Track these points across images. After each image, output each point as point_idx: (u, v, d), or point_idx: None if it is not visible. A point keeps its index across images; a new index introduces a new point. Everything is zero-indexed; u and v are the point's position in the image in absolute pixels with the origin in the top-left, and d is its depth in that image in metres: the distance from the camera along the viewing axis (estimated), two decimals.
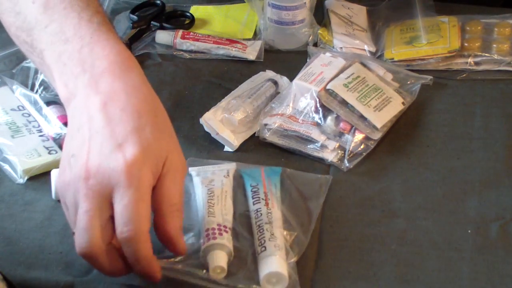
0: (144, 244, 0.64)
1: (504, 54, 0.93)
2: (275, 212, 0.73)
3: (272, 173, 0.78)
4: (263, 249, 0.69)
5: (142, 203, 0.63)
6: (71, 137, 0.67)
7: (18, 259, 0.72)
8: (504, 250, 0.72)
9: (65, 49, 0.70)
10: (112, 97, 0.67)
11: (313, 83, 0.85)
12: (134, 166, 0.63)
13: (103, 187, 0.63)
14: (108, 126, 0.65)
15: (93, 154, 0.64)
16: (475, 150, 0.83)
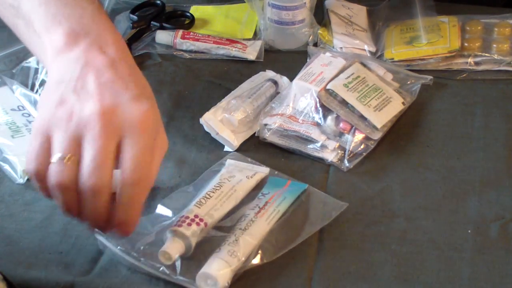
0: (144, 191, 0.65)
1: (504, 54, 0.93)
2: (259, 223, 0.72)
3: (294, 188, 0.77)
4: (218, 250, 0.69)
5: (151, 152, 0.64)
6: (67, 79, 0.66)
7: (18, 259, 0.72)
8: (504, 250, 0.72)
9: (63, 11, 0.70)
10: (119, 60, 0.68)
11: (313, 83, 0.85)
12: (149, 118, 0.65)
13: (116, 128, 0.63)
14: (120, 80, 0.66)
15: (108, 96, 0.64)
16: (475, 150, 0.83)
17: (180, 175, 0.80)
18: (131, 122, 0.64)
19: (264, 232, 0.72)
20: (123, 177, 0.63)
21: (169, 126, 0.87)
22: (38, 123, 0.65)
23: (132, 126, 0.64)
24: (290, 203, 0.75)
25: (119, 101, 0.64)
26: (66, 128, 0.64)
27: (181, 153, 0.83)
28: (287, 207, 0.75)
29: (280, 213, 0.74)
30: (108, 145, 0.63)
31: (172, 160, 0.82)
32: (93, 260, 0.71)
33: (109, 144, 0.63)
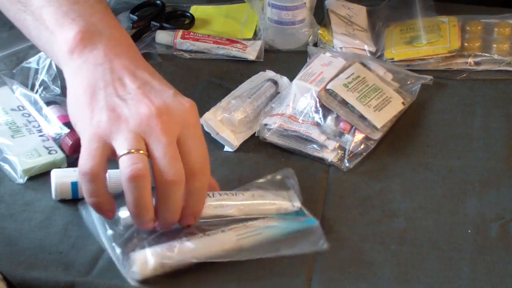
0: (209, 179, 0.68)
1: (504, 54, 0.93)
2: (226, 236, 0.71)
3: (301, 224, 0.74)
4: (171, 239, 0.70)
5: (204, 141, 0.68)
6: (101, 84, 0.68)
7: (18, 259, 0.72)
8: (504, 250, 0.72)
9: (74, 9, 0.71)
10: (137, 61, 0.71)
11: (313, 83, 0.85)
12: (195, 109, 0.69)
13: (175, 124, 0.66)
14: (153, 80, 0.69)
15: (155, 97, 0.67)
16: (475, 150, 0.83)
17: None
18: (185, 116, 0.67)
19: (227, 247, 0.70)
20: (196, 167, 0.66)
21: None
22: (90, 130, 0.66)
23: (187, 119, 0.67)
24: (283, 232, 0.73)
25: (166, 100, 0.68)
26: (126, 129, 0.66)
27: None
28: (276, 234, 0.72)
29: (262, 236, 0.71)
30: (173, 141, 0.66)
31: None
32: (93, 260, 0.71)
33: (173, 140, 0.66)
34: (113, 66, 0.69)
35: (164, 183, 0.65)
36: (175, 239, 0.70)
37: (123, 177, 0.64)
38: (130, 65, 0.70)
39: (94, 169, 0.65)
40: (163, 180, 0.65)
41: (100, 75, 0.69)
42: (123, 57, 0.70)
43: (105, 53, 0.70)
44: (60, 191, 0.76)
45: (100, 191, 0.66)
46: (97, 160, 0.65)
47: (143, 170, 0.64)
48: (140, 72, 0.70)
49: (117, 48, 0.71)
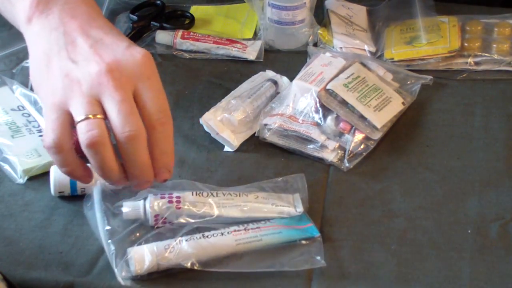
0: (172, 129, 0.68)
1: (504, 54, 0.93)
2: (225, 239, 0.71)
3: (304, 232, 0.73)
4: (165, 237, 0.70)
5: (163, 91, 0.68)
6: (55, 50, 0.68)
7: (18, 259, 0.72)
8: (504, 250, 0.72)
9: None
10: (94, 19, 0.70)
11: (313, 83, 0.85)
12: (151, 59, 0.68)
13: (128, 78, 0.66)
14: (105, 36, 0.69)
15: (106, 53, 0.67)
16: (475, 150, 0.83)
17: (180, 175, 0.80)
18: (138, 69, 0.67)
19: (225, 251, 0.70)
20: (154, 119, 0.66)
21: None
22: (48, 99, 0.67)
23: (140, 72, 0.67)
24: (283, 240, 0.72)
25: (117, 54, 0.67)
26: (80, 94, 0.65)
27: (181, 153, 0.83)
28: (276, 242, 0.72)
29: (262, 243, 0.71)
30: (128, 96, 0.65)
31: None
32: (93, 260, 0.71)
33: (128, 94, 0.65)
34: (66, 29, 0.69)
35: (123, 140, 0.65)
36: (174, 238, 0.70)
37: (82, 145, 0.65)
38: (85, 25, 0.69)
39: (57, 141, 0.65)
40: (122, 137, 0.65)
41: (54, 40, 0.69)
42: (78, 18, 0.70)
43: (60, 17, 0.70)
44: (58, 183, 0.76)
45: (69, 160, 0.67)
46: (58, 132, 0.65)
47: (99, 135, 0.64)
48: (94, 31, 0.69)
49: (73, 10, 0.71)
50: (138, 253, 0.69)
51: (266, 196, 0.75)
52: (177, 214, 0.72)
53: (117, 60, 0.66)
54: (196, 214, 0.72)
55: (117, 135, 0.65)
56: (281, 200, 0.75)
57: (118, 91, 0.65)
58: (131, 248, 0.69)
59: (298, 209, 0.75)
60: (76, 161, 0.68)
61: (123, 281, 0.68)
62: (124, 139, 0.65)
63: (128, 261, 0.69)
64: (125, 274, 0.68)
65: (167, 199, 0.72)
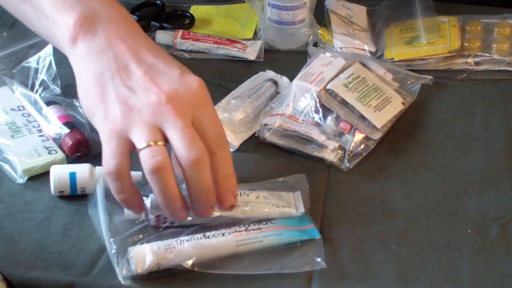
0: (229, 151, 0.70)
1: (504, 54, 0.93)
2: (226, 240, 0.71)
3: (305, 233, 0.73)
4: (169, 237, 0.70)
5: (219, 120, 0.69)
6: (108, 75, 0.68)
7: (18, 259, 0.72)
8: (504, 250, 0.72)
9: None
10: (141, 40, 0.71)
11: (313, 83, 0.85)
12: (204, 88, 0.69)
13: (186, 107, 0.67)
14: (158, 61, 0.69)
15: (163, 82, 0.68)
16: (475, 150, 0.83)
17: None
18: (195, 97, 0.68)
19: (226, 252, 0.70)
20: (213, 144, 0.67)
21: None
22: (106, 126, 0.67)
23: (197, 100, 0.68)
24: (284, 241, 0.72)
25: (173, 83, 0.68)
26: (141, 122, 0.66)
27: None
28: (277, 243, 0.72)
29: (263, 244, 0.71)
30: (188, 124, 0.66)
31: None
32: (93, 260, 0.71)
33: (188, 122, 0.67)
34: (116, 52, 0.69)
35: (188, 165, 0.66)
36: (175, 238, 0.70)
37: (145, 172, 0.65)
38: (133, 48, 0.70)
39: (118, 167, 0.66)
40: (187, 162, 0.65)
41: (105, 64, 0.69)
42: (124, 39, 0.70)
43: (106, 39, 0.70)
44: (58, 183, 0.76)
45: (127, 187, 0.67)
46: (119, 158, 0.66)
47: (163, 161, 0.65)
48: (144, 54, 0.70)
49: (118, 30, 0.71)
50: (139, 252, 0.69)
51: (267, 196, 0.75)
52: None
53: (175, 89, 0.67)
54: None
55: (182, 160, 0.65)
56: (282, 200, 0.75)
57: (180, 118, 0.66)
58: (132, 247, 0.69)
59: (299, 210, 0.75)
60: (133, 189, 0.68)
61: (123, 280, 0.68)
62: (191, 163, 0.65)
63: (129, 260, 0.69)
64: (125, 273, 0.68)
65: None
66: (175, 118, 0.66)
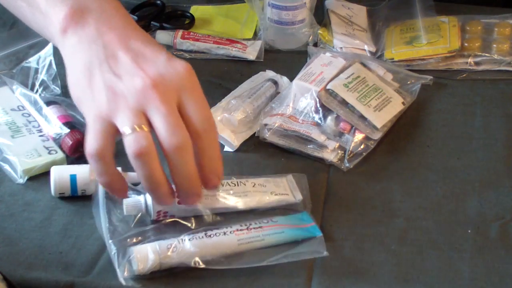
0: (217, 138, 0.70)
1: (504, 54, 0.93)
2: (228, 239, 0.71)
3: (306, 232, 0.73)
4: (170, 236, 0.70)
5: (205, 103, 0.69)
6: (96, 63, 0.69)
7: (18, 259, 0.72)
8: (504, 250, 0.72)
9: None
10: (131, 30, 0.71)
11: (313, 83, 0.85)
12: (192, 70, 0.69)
13: (171, 91, 0.67)
14: (145, 48, 0.70)
15: (148, 67, 0.68)
16: (475, 150, 0.83)
17: None
18: (181, 82, 0.68)
19: (227, 250, 0.70)
20: (201, 128, 0.67)
21: None
22: (92, 111, 0.68)
23: (183, 84, 0.68)
24: (286, 239, 0.72)
25: (159, 67, 0.68)
26: (126, 107, 0.66)
27: None
28: (279, 241, 0.72)
29: (264, 242, 0.71)
30: (173, 108, 0.67)
31: None
32: (93, 260, 0.71)
33: (173, 107, 0.67)
34: (105, 41, 0.70)
35: (171, 152, 0.66)
36: (176, 238, 0.70)
37: (129, 157, 0.66)
38: (123, 37, 0.70)
39: (100, 149, 0.66)
40: (169, 149, 0.66)
41: (94, 53, 0.69)
42: (115, 29, 0.71)
43: (96, 28, 0.70)
44: (58, 184, 0.76)
45: (109, 170, 0.68)
46: (102, 141, 0.66)
47: (146, 147, 0.65)
48: (133, 42, 0.70)
49: (109, 21, 0.71)
50: (140, 252, 0.69)
51: (263, 183, 0.76)
52: (178, 208, 0.72)
53: (160, 74, 0.67)
54: (197, 207, 0.73)
55: (165, 146, 0.66)
56: (278, 187, 0.76)
57: (164, 104, 0.66)
58: (134, 247, 0.69)
59: (297, 197, 0.75)
60: (116, 173, 0.69)
61: (125, 281, 0.68)
62: (173, 150, 0.66)
63: (131, 260, 0.69)
64: (127, 274, 0.68)
65: None
66: (160, 103, 0.66)
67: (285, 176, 0.78)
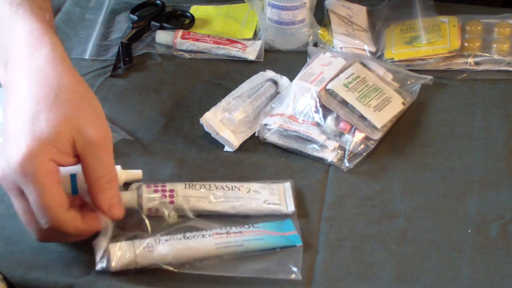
0: (69, 225, 0.66)
1: (504, 54, 0.93)
2: (206, 242, 0.70)
3: (286, 240, 0.72)
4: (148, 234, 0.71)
5: (46, 195, 0.65)
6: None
7: (18, 259, 0.72)
8: (504, 250, 0.72)
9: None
10: (18, 86, 0.68)
11: (313, 83, 0.85)
12: (26, 163, 0.64)
13: (14, 186, 0.66)
14: (11, 121, 0.67)
15: (0, 156, 0.66)
16: (475, 150, 0.83)
17: (180, 175, 0.80)
18: (14, 177, 0.65)
19: (204, 253, 0.70)
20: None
21: (169, 126, 0.87)
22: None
23: (16, 179, 0.65)
24: (264, 246, 0.71)
25: (4, 157, 0.66)
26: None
27: (181, 153, 0.83)
28: (257, 248, 0.71)
29: (243, 248, 0.71)
30: (18, 207, 0.67)
31: (172, 160, 0.82)
32: (93, 260, 0.71)
33: (18, 204, 0.67)
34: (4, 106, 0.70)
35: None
36: (154, 237, 0.70)
37: None
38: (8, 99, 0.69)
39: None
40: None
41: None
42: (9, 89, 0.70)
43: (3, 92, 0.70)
44: None
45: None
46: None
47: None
48: (8, 111, 0.68)
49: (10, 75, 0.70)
50: (116, 249, 0.69)
51: (258, 189, 0.76)
52: (170, 208, 0.73)
53: (2, 170, 0.66)
54: (189, 209, 0.74)
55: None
56: (273, 195, 0.76)
57: (13, 200, 0.68)
58: (111, 244, 0.69)
59: (289, 208, 0.75)
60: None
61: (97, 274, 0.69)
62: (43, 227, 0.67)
63: (107, 256, 0.69)
64: (101, 268, 0.69)
65: (160, 193, 0.74)
66: (11, 197, 0.67)
67: (283, 183, 0.78)
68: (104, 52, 0.99)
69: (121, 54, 0.97)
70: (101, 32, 1.02)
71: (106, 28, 1.03)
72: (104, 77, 0.94)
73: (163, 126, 0.87)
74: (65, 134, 0.65)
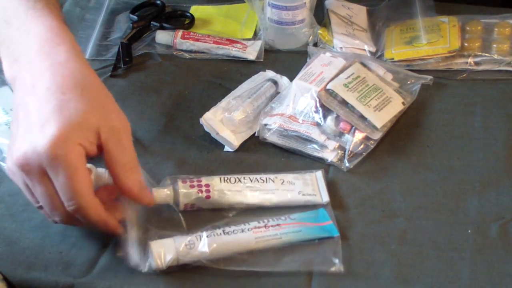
0: (92, 211, 0.67)
1: (504, 54, 0.93)
2: (246, 237, 0.71)
3: (324, 230, 0.73)
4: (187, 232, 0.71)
5: (76, 177, 0.66)
6: (13, 123, 0.70)
7: (18, 259, 0.72)
8: (504, 250, 0.72)
9: (6, 32, 0.73)
10: (39, 78, 0.69)
11: (313, 83, 0.85)
12: (57, 145, 0.65)
13: (39, 170, 0.66)
14: (34, 109, 0.68)
15: (20, 141, 0.67)
16: (475, 150, 0.83)
17: None
18: (42, 160, 0.66)
19: (244, 248, 0.70)
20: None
21: (169, 126, 0.87)
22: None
23: (44, 162, 0.66)
24: (303, 238, 0.72)
25: (29, 141, 0.66)
26: (14, 179, 0.71)
27: (181, 153, 0.83)
28: (296, 240, 0.72)
29: (282, 241, 0.71)
30: (44, 191, 0.67)
31: (172, 160, 0.82)
32: (93, 260, 0.71)
33: (42, 188, 0.67)
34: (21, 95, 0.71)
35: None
36: (195, 234, 0.70)
37: None
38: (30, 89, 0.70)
39: None
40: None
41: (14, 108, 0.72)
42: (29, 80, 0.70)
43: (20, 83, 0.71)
44: None
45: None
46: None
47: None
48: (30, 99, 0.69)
49: (30, 67, 0.71)
50: (159, 246, 0.69)
51: (292, 180, 0.77)
52: (206, 203, 0.74)
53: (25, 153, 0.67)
54: (225, 203, 0.74)
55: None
56: (307, 186, 0.76)
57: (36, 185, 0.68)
58: (153, 242, 0.70)
59: (324, 199, 0.76)
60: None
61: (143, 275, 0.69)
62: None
63: (149, 254, 0.69)
64: (145, 267, 0.69)
65: (196, 188, 0.74)
66: (31, 184, 0.68)
67: (314, 172, 0.78)
68: (104, 52, 0.99)
69: (121, 54, 0.97)
70: (101, 32, 1.02)
71: (106, 28, 1.03)
72: (104, 77, 0.94)
73: (163, 126, 0.87)
74: (92, 121, 0.67)
